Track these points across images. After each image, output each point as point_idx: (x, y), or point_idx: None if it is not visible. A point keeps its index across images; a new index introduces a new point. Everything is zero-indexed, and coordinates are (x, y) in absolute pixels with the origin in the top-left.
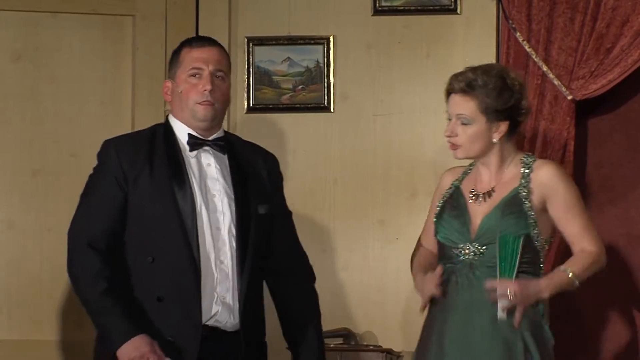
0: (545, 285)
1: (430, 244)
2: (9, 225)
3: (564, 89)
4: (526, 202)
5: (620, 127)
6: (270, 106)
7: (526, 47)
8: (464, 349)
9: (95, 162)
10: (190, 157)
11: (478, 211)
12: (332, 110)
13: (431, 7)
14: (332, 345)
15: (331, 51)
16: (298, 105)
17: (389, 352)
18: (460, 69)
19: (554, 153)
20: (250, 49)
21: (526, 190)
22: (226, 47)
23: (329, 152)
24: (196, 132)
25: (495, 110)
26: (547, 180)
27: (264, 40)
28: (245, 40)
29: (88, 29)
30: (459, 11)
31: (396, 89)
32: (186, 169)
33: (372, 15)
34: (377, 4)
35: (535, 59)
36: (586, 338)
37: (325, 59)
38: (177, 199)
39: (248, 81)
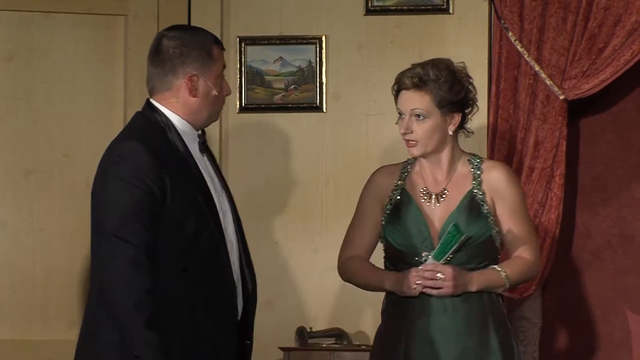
0: (476, 279)
1: (364, 250)
2: (1, 225)
3: (556, 89)
4: (484, 204)
5: (613, 127)
6: (263, 106)
7: (518, 47)
8: (436, 351)
9: (91, 162)
10: (197, 156)
11: (434, 213)
12: (324, 110)
13: (423, 7)
14: (324, 345)
15: (323, 51)
16: (290, 105)
17: None
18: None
19: (546, 153)
20: (243, 49)
21: (481, 192)
22: None
23: (321, 152)
24: (197, 131)
25: (449, 102)
26: (498, 182)
27: (256, 39)
28: (238, 39)
29: (80, 28)
30: (451, 11)
31: (388, 88)
32: (201, 171)
33: (365, 15)
34: (370, 4)
35: (527, 59)
36: (579, 337)
37: (318, 59)
38: (204, 204)
39: (240, 81)
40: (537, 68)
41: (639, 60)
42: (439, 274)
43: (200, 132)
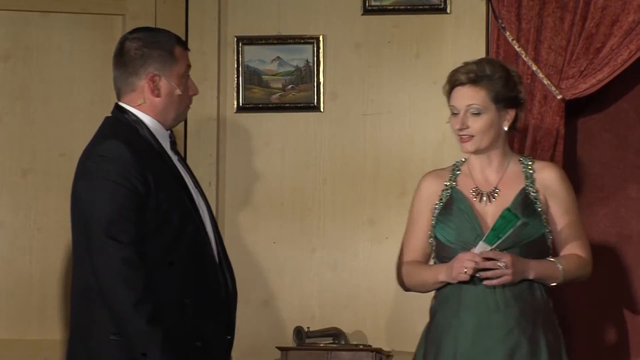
0: (534, 267)
1: (420, 256)
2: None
3: (553, 89)
4: (537, 201)
5: (610, 126)
6: (260, 105)
7: (516, 47)
8: (486, 348)
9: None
10: (170, 154)
11: (486, 211)
12: (321, 109)
13: (421, 7)
14: (321, 345)
15: (321, 51)
16: (288, 105)
17: (378, 351)
18: (450, 68)
19: (543, 152)
20: (240, 49)
21: (534, 190)
22: (215, 47)
23: (318, 151)
24: (167, 131)
25: (505, 98)
26: (551, 181)
27: (254, 39)
28: (235, 39)
29: (78, 28)
30: (448, 11)
31: (386, 88)
32: (179, 169)
33: (362, 14)
34: (367, 4)
35: (524, 59)
36: (576, 338)
37: (315, 59)
38: (186, 199)
39: (238, 80)
40: (534, 68)
41: (636, 60)
42: (499, 262)
43: (169, 132)
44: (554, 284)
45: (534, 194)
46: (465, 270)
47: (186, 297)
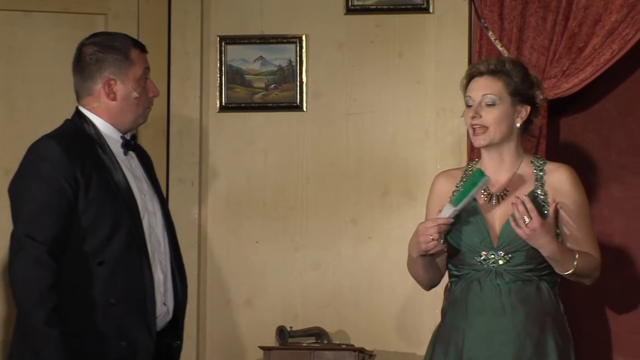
0: (554, 246)
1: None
2: None
3: None
4: (546, 205)
5: (593, 126)
6: (243, 105)
7: (498, 46)
8: (492, 352)
9: None
10: (120, 157)
11: (495, 214)
12: (304, 109)
13: (403, 6)
14: (304, 344)
15: (303, 50)
16: (270, 104)
17: (361, 351)
18: (432, 67)
19: (525, 152)
20: (223, 48)
21: (543, 194)
22: (198, 46)
23: (301, 151)
24: (122, 133)
25: (520, 93)
26: (561, 184)
27: (236, 39)
28: (218, 39)
29: (60, 27)
30: (431, 10)
31: (368, 87)
32: (123, 170)
33: (345, 14)
34: (350, 3)
35: None
36: None
37: (298, 58)
38: (124, 201)
39: (220, 80)
40: None
41: (618, 60)
42: (526, 218)
43: (128, 135)
44: (565, 273)
45: (543, 197)
46: (432, 237)
47: (112, 297)
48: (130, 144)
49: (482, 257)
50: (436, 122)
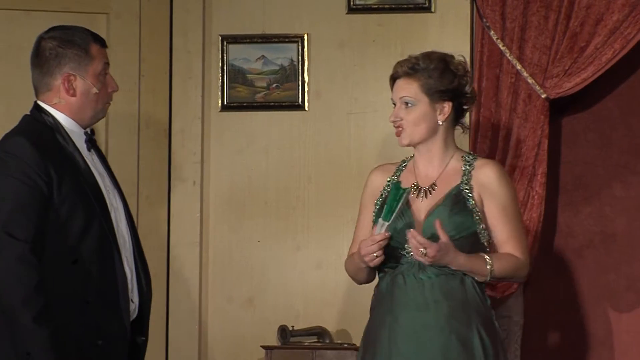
0: (461, 261)
1: None
2: None
3: (537, 88)
4: (470, 199)
5: (594, 125)
6: (245, 104)
7: (500, 46)
8: (419, 347)
9: None
10: (85, 154)
11: (421, 208)
12: (306, 108)
13: (405, 6)
14: (306, 344)
15: (305, 49)
16: (272, 104)
17: None
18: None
19: (527, 151)
20: (225, 47)
21: (468, 187)
22: (200, 45)
23: (303, 150)
24: (84, 129)
25: (437, 91)
26: (488, 180)
27: (239, 38)
28: (220, 38)
29: None
30: (433, 9)
31: (370, 87)
32: (89, 166)
33: (347, 13)
34: (352, 2)
35: (509, 58)
36: (560, 335)
37: (300, 57)
38: (95, 198)
39: (222, 79)
40: (519, 67)
41: (620, 59)
42: (421, 249)
43: (89, 130)
44: (481, 280)
45: (467, 191)
46: (375, 255)
47: (89, 296)
48: (93, 140)
49: (407, 250)
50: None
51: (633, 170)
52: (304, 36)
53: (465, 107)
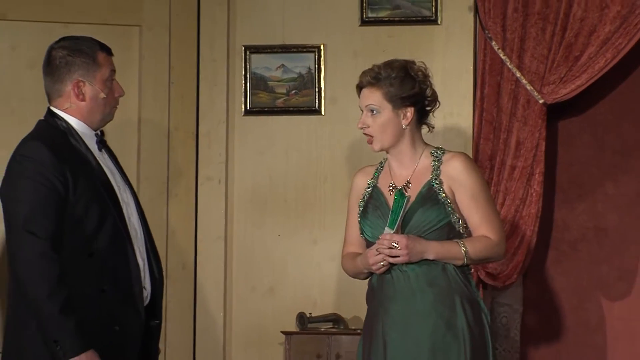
0: (433, 247)
1: (355, 247)
2: None
3: (535, 94)
4: (441, 192)
5: (589, 128)
6: (266, 109)
7: (501, 55)
8: (408, 333)
9: None
10: (97, 154)
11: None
12: (322, 113)
13: (414, 18)
14: (322, 329)
15: (322, 58)
16: (291, 109)
17: None
18: (440, 75)
19: (526, 152)
20: (248, 57)
21: (438, 182)
22: (225, 55)
23: (319, 151)
24: (95, 131)
25: (399, 97)
26: (454, 171)
27: (260, 48)
28: (243, 48)
29: (98, 38)
30: (439, 22)
31: None
32: (102, 165)
33: (360, 25)
34: (364, 15)
35: (509, 66)
36: (557, 322)
37: (316, 66)
38: (105, 195)
39: (245, 86)
40: (518, 74)
41: (612, 67)
42: (393, 242)
43: (99, 131)
44: (459, 264)
45: (437, 185)
46: (382, 264)
47: (104, 285)
48: (104, 141)
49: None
50: (444, 125)
51: (624, 170)
52: (320, 46)
53: (427, 108)
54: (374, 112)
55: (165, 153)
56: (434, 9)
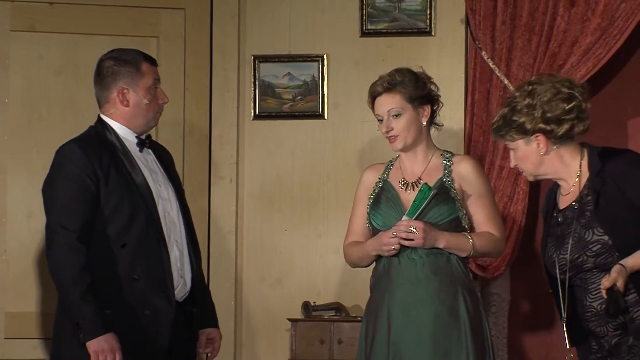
0: (444, 236)
1: (359, 236)
2: (29, 214)
3: None
4: (452, 189)
5: None
6: (274, 114)
7: (490, 64)
8: (413, 317)
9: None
10: (137, 154)
11: (409, 199)
12: (325, 117)
13: (410, 30)
14: (325, 317)
15: (325, 67)
16: (297, 113)
17: None
18: (435, 82)
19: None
20: (256, 65)
21: (450, 180)
22: (236, 64)
23: (323, 153)
24: (138, 134)
25: (417, 97)
26: (466, 172)
27: (268, 57)
28: (252, 58)
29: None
30: (433, 33)
31: None
32: (138, 165)
33: (360, 36)
34: (364, 27)
35: (498, 74)
36: (542, 311)
37: (320, 74)
38: (140, 191)
39: (254, 93)
40: (506, 82)
41: (592, 76)
42: (411, 227)
43: (144, 136)
44: (465, 255)
45: (450, 183)
46: (393, 247)
47: (136, 274)
48: (145, 143)
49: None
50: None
51: None
52: (323, 56)
53: (435, 107)
54: (397, 115)
55: (180, 154)
56: (428, 22)
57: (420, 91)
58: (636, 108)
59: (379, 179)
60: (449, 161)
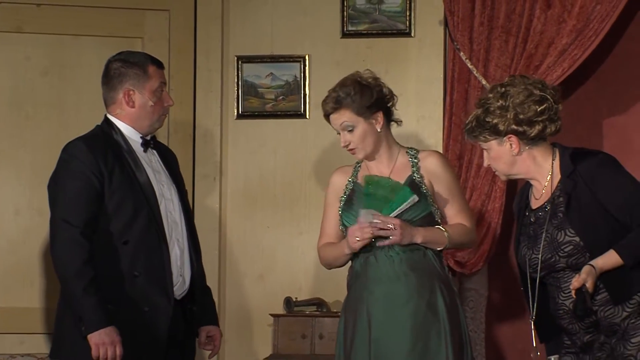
0: (421, 231)
1: (332, 238)
2: (40, 213)
3: None
4: (422, 185)
5: None
6: (256, 113)
7: (468, 65)
8: (393, 313)
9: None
10: (141, 154)
11: None
12: (307, 116)
13: (390, 31)
14: (307, 312)
15: (307, 67)
16: (279, 113)
17: None
18: (414, 82)
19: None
20: (240, 66)
21: (419, 176)
22: (219, 64)
23: (305, 152)
24: (143, 135)
25: (366, 108)
26: (434, 167)
27: (251, 58)
28: (235, 58)
29: (104, 49)
30: (412, 35)
31: None
32: (142, 165)
33: (341, 37)
34: (345, 29)
35: (475, 75)
36: (518, 305)
37: (302, 74)
38: (143, 190)
39: (237, 92)
40: (484, 82)
41: (568, 76)
42: (389, 224)
43: (149, 136)
44: (441, 248)
45: (419, 179)
46: (357, 238)
47: (136, 271)
48: (149, 143)
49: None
50: (417, 128)
51: None
52: (305, 57)
53: (389, 105)
54: (350, 129)
55: None
56: (408, 23)
57: (367, 101)
58: (611, 108)
59: (349, 180)
60: (415, 158)
